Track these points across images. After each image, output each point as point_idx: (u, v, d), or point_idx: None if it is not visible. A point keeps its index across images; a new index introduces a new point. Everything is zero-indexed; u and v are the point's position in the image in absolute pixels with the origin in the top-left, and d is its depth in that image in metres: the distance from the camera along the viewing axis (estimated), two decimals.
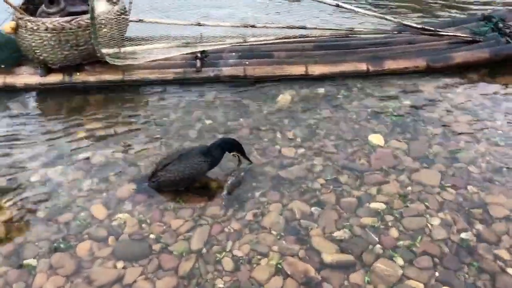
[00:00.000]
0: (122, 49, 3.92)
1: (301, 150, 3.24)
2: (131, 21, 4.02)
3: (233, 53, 4.31)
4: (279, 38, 4.09)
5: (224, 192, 2.87)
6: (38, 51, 3.82)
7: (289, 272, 2.39)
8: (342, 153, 3.22)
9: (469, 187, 2.91)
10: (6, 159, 3.18)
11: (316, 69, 4.13)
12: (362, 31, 4.38)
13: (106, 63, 3.91)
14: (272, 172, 3.05)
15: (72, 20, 3.74)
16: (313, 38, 4.26)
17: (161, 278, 2.37)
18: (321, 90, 3.96)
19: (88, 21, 3.64)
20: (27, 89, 3.96)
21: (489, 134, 3.38)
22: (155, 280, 2.36)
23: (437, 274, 2.39)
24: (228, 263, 2.45)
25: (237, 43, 4.07)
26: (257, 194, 2.88)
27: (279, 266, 2.43)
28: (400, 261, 2.45)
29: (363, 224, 2.67)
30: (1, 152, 3.26)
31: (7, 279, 2.38)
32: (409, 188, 2.93)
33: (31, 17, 3.78)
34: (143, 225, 2.68)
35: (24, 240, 2.59)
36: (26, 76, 3.99)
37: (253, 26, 4.06)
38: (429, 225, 2.67)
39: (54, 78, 3.97)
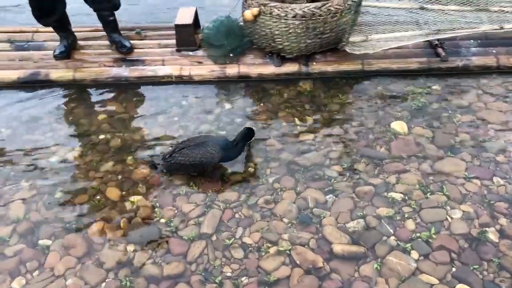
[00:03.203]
0: (369, 37, 3.60)
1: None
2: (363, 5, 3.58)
3: (471, 40, 3.89)
4: None
5: None
6: (279, 39, 3.60)
7: (298, 262, 2.33)
8: (362, 140, 3.11)
9: (495, 179, 2.75)
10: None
11: None
12: None
13: (337, 52, 3.71)
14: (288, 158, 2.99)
15: (323, 6, 3.45)
16: None
17: (169, 263, 2.37)
18: None
19: (338, 6, 3.43)
20: (259, 79, 3.75)
21: None
22: (163, 265, 2.37)
23: (453, 269, 2.28)
24: (237, 250, 2.42)
25: (492, 29, 3.64)
26: (270, 180, 2.83)
27: (287, 255, 2.38)
28: (415, 255, 2.35)
29: (379, 214, 2.57)
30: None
31: (22, 257, 2.45)
32: (431, 177, 2.80)
33: (277, 3, 3.50)
34: (156, 209, 2.68)
35: (40, 220, 2.65)
36: (260, 66, 3.76)
37: (487, 10, 3.66)
38: (449, 218, 2.54)
39: (290, 68, 3.74)
